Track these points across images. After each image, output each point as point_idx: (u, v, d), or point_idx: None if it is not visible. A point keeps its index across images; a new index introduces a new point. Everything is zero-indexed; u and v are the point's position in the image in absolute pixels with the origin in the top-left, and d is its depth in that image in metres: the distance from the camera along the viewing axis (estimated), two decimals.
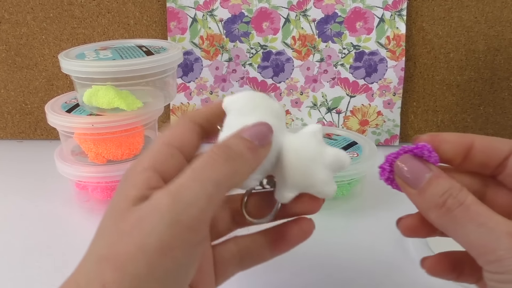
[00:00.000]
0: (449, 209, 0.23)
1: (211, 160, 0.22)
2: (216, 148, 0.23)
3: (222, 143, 0.23)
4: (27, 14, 0.58)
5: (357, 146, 0.49)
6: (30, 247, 0.42)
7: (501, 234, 0.22)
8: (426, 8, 0.58)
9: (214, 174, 0.22)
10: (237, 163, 0.23)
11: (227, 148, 0.23)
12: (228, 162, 0.22)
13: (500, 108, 0.62)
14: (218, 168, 0.22)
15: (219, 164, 0.22)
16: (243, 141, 0.23)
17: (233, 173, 0.23)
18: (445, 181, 0.24)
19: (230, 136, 0.24)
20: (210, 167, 0.22)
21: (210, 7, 0.58)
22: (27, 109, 0.63)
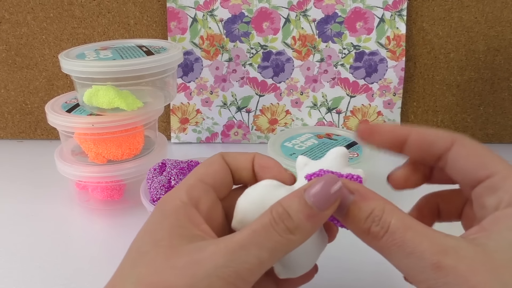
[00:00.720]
0: (375, 236, 0.22)
1: (270, 227, 0.22)
2: (277, 216, 0.22)
3: (283, 210, 0.23)
4: (27, 14, 0.59)
5: (357, 146, 0.50)
6: (30, 247, 0.42)
7: (427, 265, 0.21)
8: (426, 8, 0.58)
9: (271, 243, 0.22)
10: (294, 236, 0.22)
11: (287, 219, 0.22)
12: (285, 233, 0.22)
13: (500, 108, 0.62)
14: (276, 237, 0.22)
15: (276, 233, 0.22)
16: (302, 208, 0.22)
17: (288, 244, 0.23)
18: (366, 204, 0.23)
19: (293, 197, 0.23)
20: (268, 234, 0.22)
21: (210, 7, 0.58)
22: (27, 109, 0.63)
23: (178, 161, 0.42)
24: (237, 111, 0.62)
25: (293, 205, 0.23)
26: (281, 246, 0.22)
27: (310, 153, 0.48)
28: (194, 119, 0.63)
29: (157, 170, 0.42)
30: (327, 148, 0.49)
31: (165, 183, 0.39)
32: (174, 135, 0.63)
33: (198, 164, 0.43)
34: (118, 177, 0.46)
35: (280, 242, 0.22)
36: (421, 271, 0.21)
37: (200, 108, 0.62)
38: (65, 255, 0.41)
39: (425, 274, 0.21)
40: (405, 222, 0.22)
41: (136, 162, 0.47)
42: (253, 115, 0.62)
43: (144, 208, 0.41)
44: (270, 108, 0.62)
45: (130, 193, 0.50)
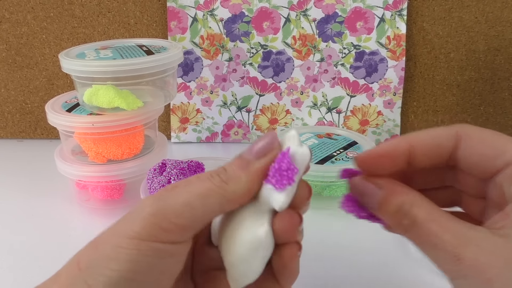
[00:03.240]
0: (405, 229, 0.23)
1: (204, 178, 0.23)
2: (214, 171, 0.24)
3: (221, 167, 0.24)
4: (27, 13, 0.58)
5: (357, 146, 0.50)
6: (30, 247, 0.42)
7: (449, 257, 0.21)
8: (427, 8, 0.58)
9: (203, 189, 0.22)
10: (228, 185, 0.23)
11: (222, 170, 0.23)
12: (219, 183, 0.23)
13: (500, 108, 0.62)
14: (209, 186, 0.23)
15: (209, 183, 0.23)
16: (236, 161, 0.24)
17: (223, 192, 0.23)
18: (395, 199, 0.23)
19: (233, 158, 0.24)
20: (202, 182, 0.23)
21: (211, 7, 0.58)
22: (28, 108, 0.63)
23: (178, 161, 0.42)
24: (237, 110, 0.62)
25: (229, 162, 0.24)
26: (214, 194, 0.22)
27: None
28: (194, 118, 0.63)
29: (157, 170, 0.42)
30: (327, 147, 0.49)
31: (165, 183, 0.39)
32: (174, 134, 0.63)
33: (198, 164, 0.43)
34: (118, 176, 0.46)
35: (213, 189, 0.22)
36: (444, 262, 0.22)
37: (200, 108, 0.62)
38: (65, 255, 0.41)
39: (447, 265, 0.22)
40: (431, 214, 0.22)
41: (136, 162, 0.47)
42: (253, 115, 0.62)
43: None
44: (270, 108, 0.62)
45: (130, 193, 0.50)
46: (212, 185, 0.23)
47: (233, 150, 0.62)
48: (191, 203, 0.22)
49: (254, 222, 0.23)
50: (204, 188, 0.22)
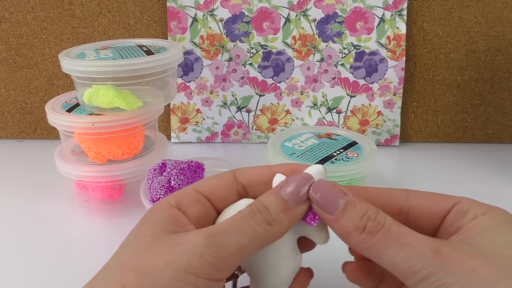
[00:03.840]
0: (370, 232, 0.23)
1: (249, 217, 0.24)
2: (256, 208, 0.24)
3: (261, 204, 0.25)
4: (27, 13, 0.58)
5: (357, 146, 0.50)
6: (30, 247, 0.42)
7: (427, 251, 0.22)
8: (427, 8, 0.58)
9: (250, 230, 0.24)
10: (272, 227, 0.24)
11: (264, 210, 0.24)
12: (264, 225, 0.24)
13: (500, 108, 0.62)
14: (254, 226, 0.24)
15: (255, 223, 0.24)
16: (278, 202, 0.25)
17: (268, 234, 0.24)
18: (362, 205, 0.24)
19: (270, 194, 0.25)
20: (248, 222, 0.24)
21: (211, 7, 0.58)
22: (28, 108, 0.63)
23: (178, 161, 0.42)
24: (237, 110, 0.62)
25: (270, 199, 0.25)
26: (260, 235, 0.24)
27: (310, 152, 0.48)
28: (194, 118, 0.63)
29: (157, 170, 0.42)
30: (327, 148, 0.49)
31: (165, 183, 0.39)
32: (174, 134, 0.63)
33: (198, 164, 0.43)
34: (118, 176, 0.46)
35: (259, 231, 0.24)
36: (419, 259, 0.22)
37: (200, 108, 0.62)
38: (65, 255, 0.41)
39: (423, 261, 0.21)
40: (396, 221, 0.24)
41: (136, 162, 0.47)
42: (253, 115, 0.62)
43: (144, 208, 0.41)
44: (270, 108, 0.62)
45: (130, 193, 0.50)
46: (258, 226, 0.24)
47: (233, 150, 0.62)
48: (241, 243, 0.23)
49: (291, 251, 0.27)
50: (251, 229, 0.24)
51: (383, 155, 0.61)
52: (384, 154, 0.61)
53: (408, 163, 0.59)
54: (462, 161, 0.59)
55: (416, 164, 0.58)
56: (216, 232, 0.23)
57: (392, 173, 0.57)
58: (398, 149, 0.63)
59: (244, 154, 0.61)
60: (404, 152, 0.62)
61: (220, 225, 0.24)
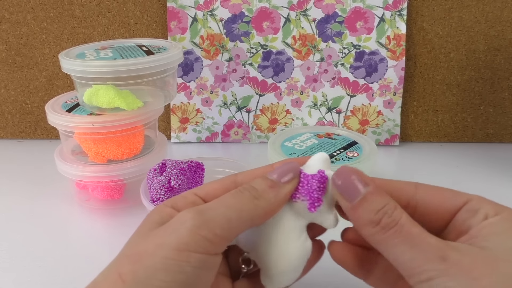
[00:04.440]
0: (384, 228, 0.23)
1: (237, 194, 0.25)
2: (243, 188, 0.26)
3: (248, 184, 0.26)
4: (27, 13, 0.58)
5: (357, 146, 0.50)
6: (30, 247, 0.42)
7: (433, 257, 0.22)
8: (427, 8, 0.58)
9: (238, 204, 0.24)
10: (259, 201, 0.25)
11: (251, 188, 0.25)
12: (250, 199, 0.25)
13: (500, 108, 0.62)
14: (241, 201, 0.25)
15: (243, 197, 0.25)
16: (266, 181, 0.26)
17: (255, 208, 0.25)
18: (380, 198, 0.24)
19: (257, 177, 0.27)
20: (234, 198, 0.25)
21: (211, 7, 0.58)
22: (28, 108, 0.63)
23: (178, 161, 0.42)
24: (237, 110, 0.62)
25: (257, 180, 0.26)
26: (247, 208, 0.24)
27: (310, 152, 0.48)
28: (194, 118, 0.63)
29: (157, 170, 0.42)
30: (327, 147, 0.49)
31: (165, 183, 0.39)
32: (174, 134, 0.63)
33: (198, 164, 0.43)
34: (118, 176, 0.46)
35: (246, 204, 0.24)
36: (425, 262, 0.22)
37: (200, 108, 0.62)
38: (65, 255, 0.41)
39: (429, 265, 0.22)
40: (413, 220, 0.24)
41: (136, 162, 0.47)
42: (253, 115, 0.62)
43: (144, 208, 0.41)
44: (270, 108, 0.62)
45: (130, 193, 0.50)
46: (245, 199, 0.25)
47: (233, 150, 0.62)
48: (229, 215, 0.24)
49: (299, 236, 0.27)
50: (237, 202, 0.24)
51: (383, 155, 0.61)
52: (384, 154, 0.61)
53: (408, 163, 0.59)
54: (462, 160, 0.59)
55: (416, 164, 0.58)
56: (204, 208, 0.24)
57: (392, 173, 0.57)
58: (398, 149, 0.63)
59: (244, 154, 0.61)
60: (404, 152, 0.62)
61: (208, 203, 0.25)
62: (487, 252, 0.22)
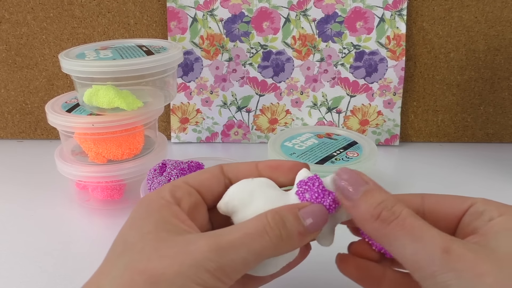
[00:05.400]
0: (384, 221, 0.23)
1: (263, 232, 0.24)
2: (272, 221, 0.24)
3: (280, 219, 0.24)
4: (27, 14, 0.59)
5: (357, 146, 0.50)
6: (30, 247, 0.42)
7: (436, 250, 0.22)
8: (426, 8, 0.58)
9: (260, 247, 0.24)
10: (282, 244, 0.24)
11: (282, 225, 0.24)
12: (276, 240, 0.24)
13: (500, 108, 0.62)
14: (266, 243, 0.24)
15: (268, 238, 0.24)
16: (297, 224, 0.25)
17: (276, 251, 0.24)
18: (380, 194, 0.25)
19: (289, 210, 0.25)
20: (260, 238, 0.24)
21: (210, 7, 0.58)
22: (27, 108, 0.63)
23: (178, 161, 0.42)
24: (237, 110, 0.62)
25: (289, 218, 0.25)
26: (268, 251, 0.24)
27: (310, 152, 0.48)
28: (194, 118, 0.63)
29: (157, 170, 0.42)
30: (327, 147, 0.49)
31: (165, 183, 0.39)
32: (174, 134, 0.63)
33: (198, 164, 0.43)
34: (118, 177, 0.46)
35: (268, 247, 0.24)
36: (428, 255, 0.22)
37: (200, 108, 0.62)
38: (65, 255, 0.41)
39: (432, 258, 0.21)
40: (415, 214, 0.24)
41: (136, 162, 0.47)
42: (253, 115, 0.62)
43: None
44: (270, 108, 0.62)
45: (130, 193, 0.50)
46: (269, 242, 0.24)
47: (233, 150, 0.62)
48: (249, 260, 0.23)
49: None
50: (260, 246, 0.23)
51: (383, 155, 0.61)
52: (384, 154, 0.61)
53: (408, 163, 0.59)
54: (462, 161, 0.59)
55: (416, 164, 0.58)
56: (225, 245, 0.23)
57: (392, 173, 0.57)
58: (398, 149, 0.63)
59: (244, 154, 0.61)
60: (404, 152, 0.62)
61: (231, 238, 0.23)
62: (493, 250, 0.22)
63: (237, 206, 0.27)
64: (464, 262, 0.21)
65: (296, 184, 0.27)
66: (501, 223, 0.24)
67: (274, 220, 0.24)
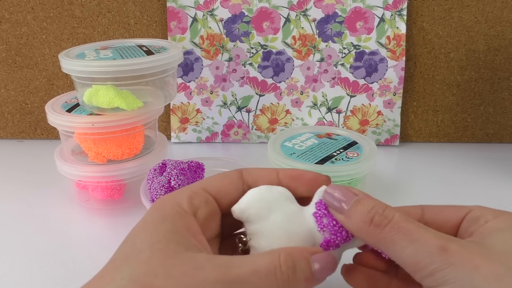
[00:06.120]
0: (378, 225, 0.24)
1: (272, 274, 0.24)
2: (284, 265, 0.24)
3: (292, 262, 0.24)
4: (27, 13, 0.58)
5: (357, 146, 0.50)
6: (30, 247, 0.42)
7: (433, 249, 0.22)
8: (427, 8, 0.58)
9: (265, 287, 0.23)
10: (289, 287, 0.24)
11: (292, 271, 0.24)
12: (283, 284, 0.24)
13: (500, 108, 0.62)
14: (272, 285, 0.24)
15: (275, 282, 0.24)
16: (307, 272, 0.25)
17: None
18: (369, 201, 0.25)
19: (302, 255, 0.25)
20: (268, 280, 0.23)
21: (211, 7, 0.58)
22: (28, 108, 0.63)
23: (178, 161, 0.42)
24: (237, 110, 0.62)
25: (301, 264, 0.25)
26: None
27: (310, 152, 0.48)
28: (194, 118, 0.63)
29: (157, 170, 0.42)
30: (327, 147, 0.49)
31: (165, 183, 0.39)
32: (174, 134, 0.63)
33: (198, 164, 0.43)
34: (118, 177, 0.46)
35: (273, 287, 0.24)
36: (426, 255, 0.22)
37: (200, 108, 0.62)
38: (65, 255, 0.41)
39: (430, 258, 0.22)
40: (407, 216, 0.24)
41: (136, 162, 0.47)
42: (253, 115, 0.62)
43: (144, 208, 0.41)
44: (270, 108, 0.62)
45: (130, 193, 0.50)
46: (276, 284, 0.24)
47: (233, 150, 0.62)
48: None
49: None
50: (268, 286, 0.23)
51: (383, 155, 0.61)
52: (384, 154, 0.61)
53: (408, 163, 0.59)
54: (462, 161, 0.59)
55: (416, 164, 0.58)
56: (233, 279, 0.23)
57: (392, 173, 0.57)
58: (398, 149, 0.63)
59: (244, 154, 0.61)
60: (404, 152, 0.62)
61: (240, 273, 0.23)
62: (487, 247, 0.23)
63: (253, 216, 0.26)
64: (461, 257, 0.22)
65: (315, 204, 0.27)
66: (495, 224, 0.24)
67: (286, 264, 0.24)
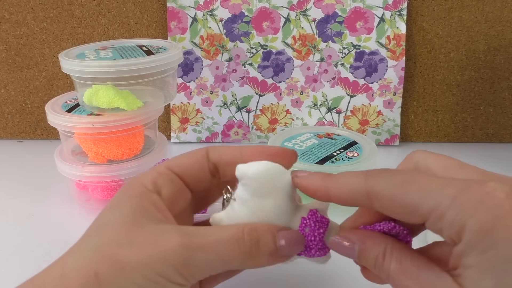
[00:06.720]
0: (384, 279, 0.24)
1: (234, 244, 0.24)
2: (248, 237, 0.24)
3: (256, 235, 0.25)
4: (27, 14, 0.59)
5: (357, 146, 0.50)
6: (30, 247, 0.42)
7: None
8: (426, 8, 0.58)
9: (230, 257, 0.24)
10: (251, 260, 0.25)
11: (255, 244, 0.24)
12: (246, 256, 0.24)
13: (500, 108, 0.62)
14: (234, 255, 0.24)
15: (237, 253, 0.24)
16: (271, 245, 0.25)
17: (243, 264, 0.25)
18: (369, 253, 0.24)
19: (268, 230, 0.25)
20: (230, 249, 0.24)
21: (210, 7, 0.58)
22: (27, 109, 0.63)
23: None
24: (237, 110, 0.62)
25: (266, 238, 0.25)
26: (235, 263, 0.24)
27: (310, 152, 0.48)
28: (194, 118, 0.63)
29: None
30: (327, 147, 0.49)
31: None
32: (174, 134, 0.63)
33: None
34: (118, 177, 0.46)
35: (235, 259, 0.24)
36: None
37: (200, 108, 0.62)
38: None
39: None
40: (402, 264, 0.23)
41: (136, 162, 0.47)
42: (253, 115, 0.62)
43: None
44: (270, 108, 0.62)
45: None
46: (238, 255, 0.24)
47: None
48: (215, 266, 0.24)
49: None
50: (229, 257, 0.24)
51: (383, 155, 0.61)
52: (384, 154, 0.61)
53: None
54: (462, 160, 0.59)
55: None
56: (195, 246, 0.23)
57: None
58: (398, 149, 0.63)
59: None
60: (404, 152, 0.62)
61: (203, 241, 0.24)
62: None
63: (251, 187, 0.26)
64: None
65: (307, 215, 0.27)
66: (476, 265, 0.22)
67: (250, 237, 0.24)
